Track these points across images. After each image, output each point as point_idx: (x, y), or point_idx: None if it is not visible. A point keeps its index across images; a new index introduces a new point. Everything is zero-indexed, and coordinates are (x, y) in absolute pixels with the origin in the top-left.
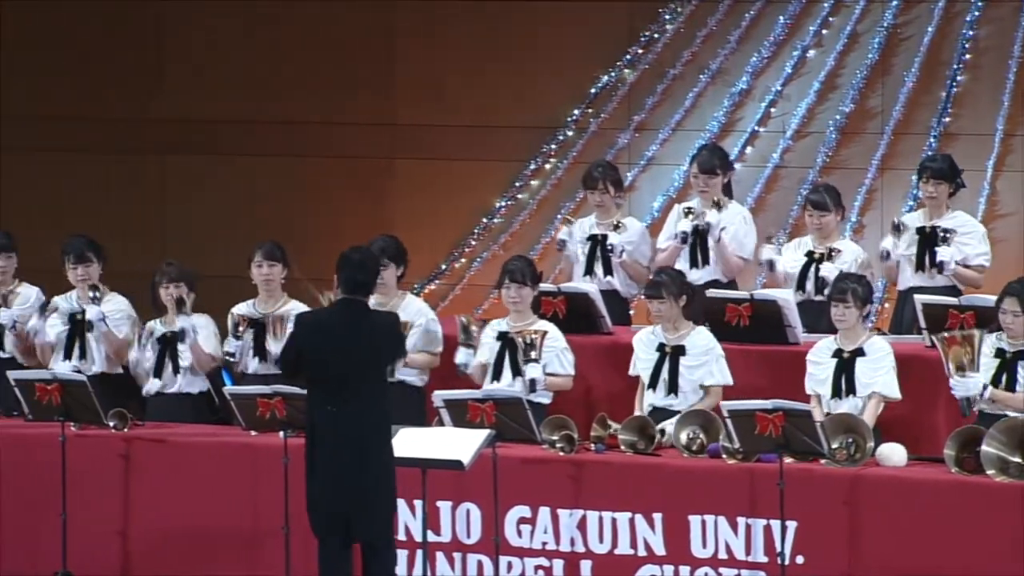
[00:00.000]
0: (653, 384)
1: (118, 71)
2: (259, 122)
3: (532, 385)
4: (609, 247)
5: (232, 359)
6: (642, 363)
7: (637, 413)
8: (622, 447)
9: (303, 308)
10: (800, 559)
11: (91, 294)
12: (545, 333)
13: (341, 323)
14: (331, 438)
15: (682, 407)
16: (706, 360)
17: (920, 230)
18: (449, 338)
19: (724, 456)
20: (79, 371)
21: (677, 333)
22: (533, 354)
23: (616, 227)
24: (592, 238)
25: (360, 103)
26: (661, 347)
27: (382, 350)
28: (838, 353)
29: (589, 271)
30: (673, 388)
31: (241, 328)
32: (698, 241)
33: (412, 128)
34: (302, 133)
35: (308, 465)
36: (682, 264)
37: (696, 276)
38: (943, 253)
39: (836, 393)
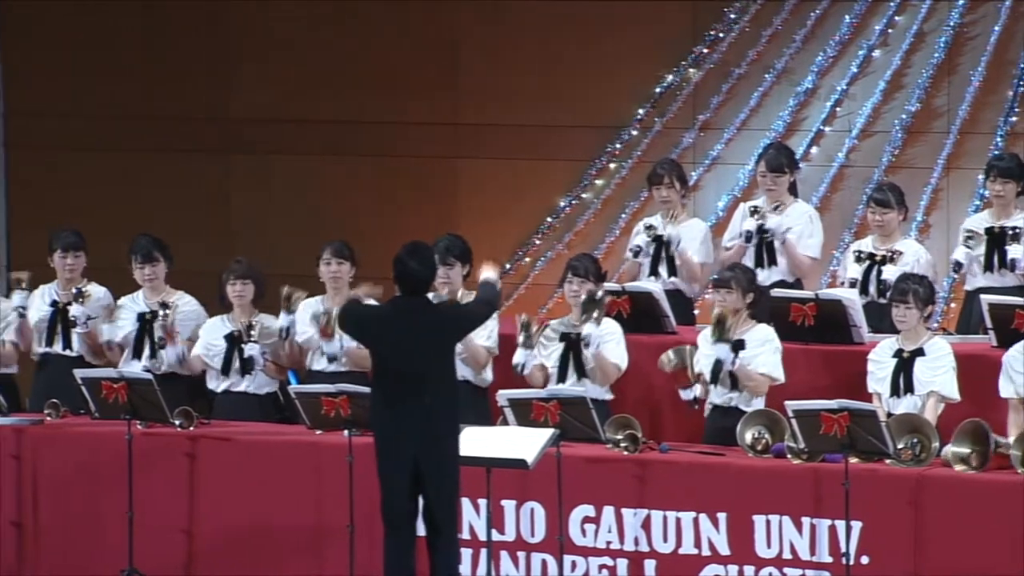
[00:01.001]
0: (715, 380)
1: (185, 70)
2: (324, 121)
3: (587, 342)
4: (667, 240)
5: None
6: (705, 359)
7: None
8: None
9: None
10: (865, 559)
11: (160, 302)
12: (608, 309)
13: (400, 317)
14: (400, 430)
15: (741, 402)
16: (762, 351)
17: (988, 230)
18: (508, 338)
19: (789, 456)
20: (149, 370)
21: (739, 329)
22: (595, 306)
23: (673, 217)
24: (657, 238)
25: (425, 103)
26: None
27: (444, 342)
28: (898, 353)
29: (654, 271)
30: (734, 385)
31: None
32: (763, 241)
33: (476, 128)
34: (367, 133)
35: (379, 456)
36: (748, 264)
37: (763, 277)
38: (1014, 251)
39: (895, 392)
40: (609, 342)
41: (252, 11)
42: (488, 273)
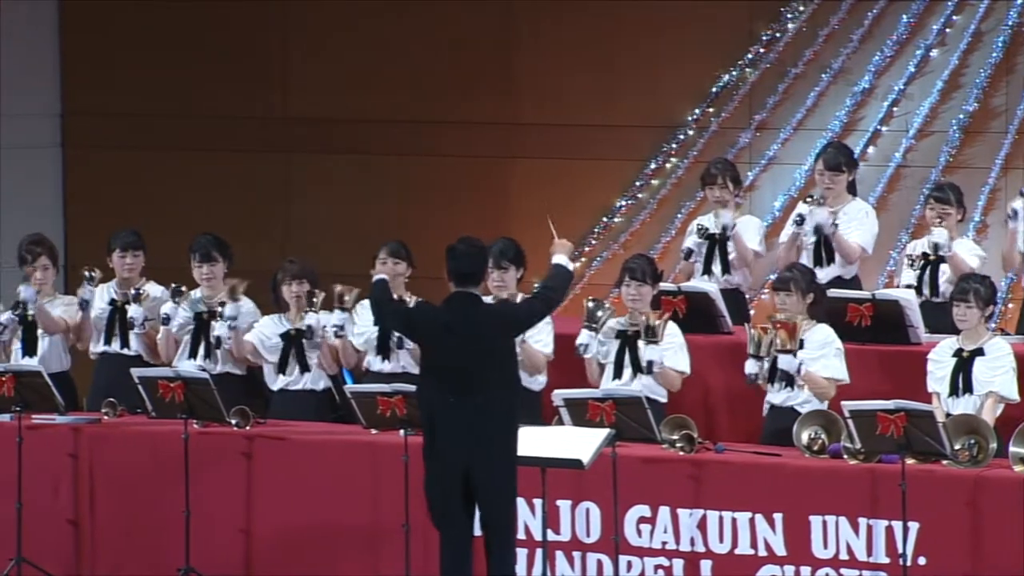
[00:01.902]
0: (771, 379)
1: (243, 69)
2: (381, 121)
3: (649, 367)
4: (721, 228)
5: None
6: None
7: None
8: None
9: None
10: (922, 560)
11: (222, 301)
12: (668, 321)
13: (451, 314)
14: (454, 430)
15: (797, 402)
16: (823, 353)
17: None
18: (564, 337)
19: (845, 456)
20: (204, 370)
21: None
22: (654, 337)
23: (735, 225)
24: (710, 237)
25: (480, 102)
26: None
27: (496, 339)
28: (958, 352)
29: (707, 270)
30: (791, 384)
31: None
32: (822, 239)
33: (532, 127)
34: (423, 132)
35: (426, 458)
36: (804, 262)
37: (821, 275)
38: None
39: (953, 391)
40: (670, 349)
41: (310, 10)
42: (560, 256)
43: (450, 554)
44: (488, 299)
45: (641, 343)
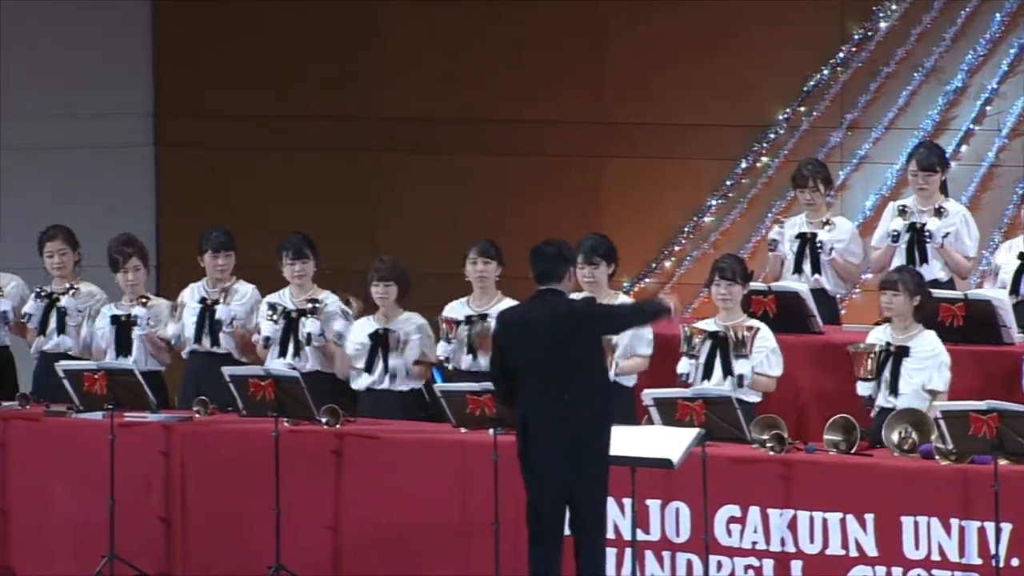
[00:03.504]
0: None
1: (336, 69)
2: (471, 120)
3: (740, 381)
4: (819, 244)
5: (447, 363)
6: (869, 363)
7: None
8: (825, 447)
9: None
10: (1015, 561)
11: (310, 305)
12: (757, 331)
13: (537, 315)
14: (545, 430)
15: (901, 404)
16: (928, 365)
17: None
18: (654, 336)
19: (937, 457)
20: (294, 368)
21: (905, 333)
22: (743, 350)
23: (825, 224)
24: (801, 236)
25: (570, 102)
26: (887, 346)
27: (580, 337)
28: None
29: (798, 270)
30: (893, 389)
31: (451, 333)
32: (915, 239)
33: (622, 127)
34: (513, 131)
35: (523, 462)
36: (898, 263)
37: None
38: None
39: None
40: (763, 353)
41: (402, 11)
42: (668, 299)
43: (541, 565)
44: (578, 295)
45: (732, 355)
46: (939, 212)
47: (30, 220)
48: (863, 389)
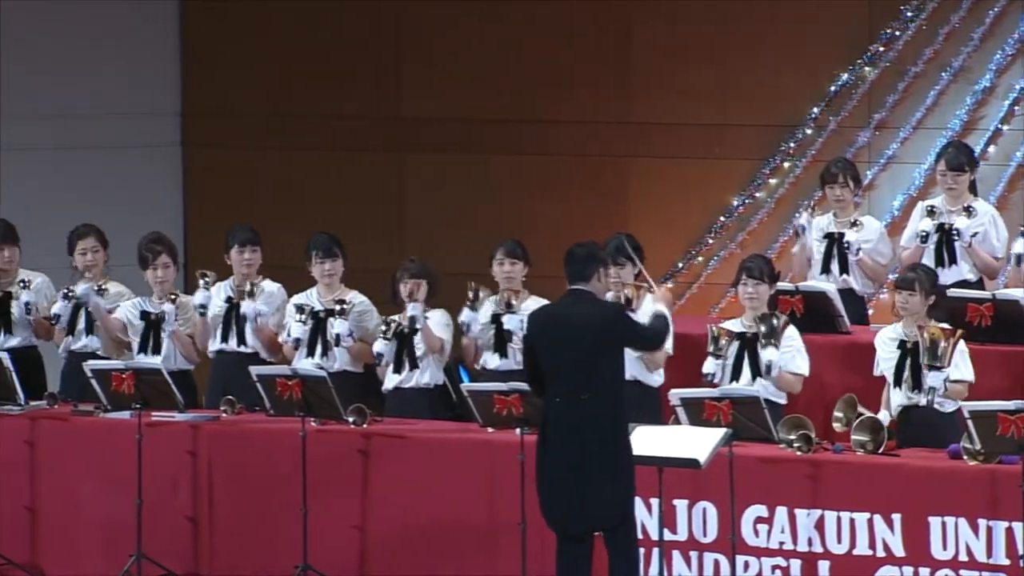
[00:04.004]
0: (898, 382)
1: (359, 70)
2: (496, 120)
3: (768, 369)
4: (846, 244)
5: (465, 328)
6: (885, 362)
7: (883, 412)
8: (853, 447)
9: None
10: None
11: (336, 300)
12: (787, 323)
13: (567, 315)
14: (562, 431)
15: (925, 401)
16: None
17: None
18: (682, 336)
19: (965, 457)
20: (321, 368)
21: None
22: (773, 339)
23: (853, 224)
24: (828, 236)
25: (597, 101)
26: (902, 344)
27: (608, 341)
28: None
29: (825, 270)
30: (917, 385)
31: (480, 296)
32: (944, 240)
33: (648, 126)
34: (539, 131)
35: (538, 461)
36: (927, 263)
37: (944, 277)
38: None
39: None
40: (788, 352)
41: (425, 11)
42: (659, 306)
43: (567, 553)
44: (609, 295)
45: (761, 345)
46: (968, 212)
47: (58, 220)
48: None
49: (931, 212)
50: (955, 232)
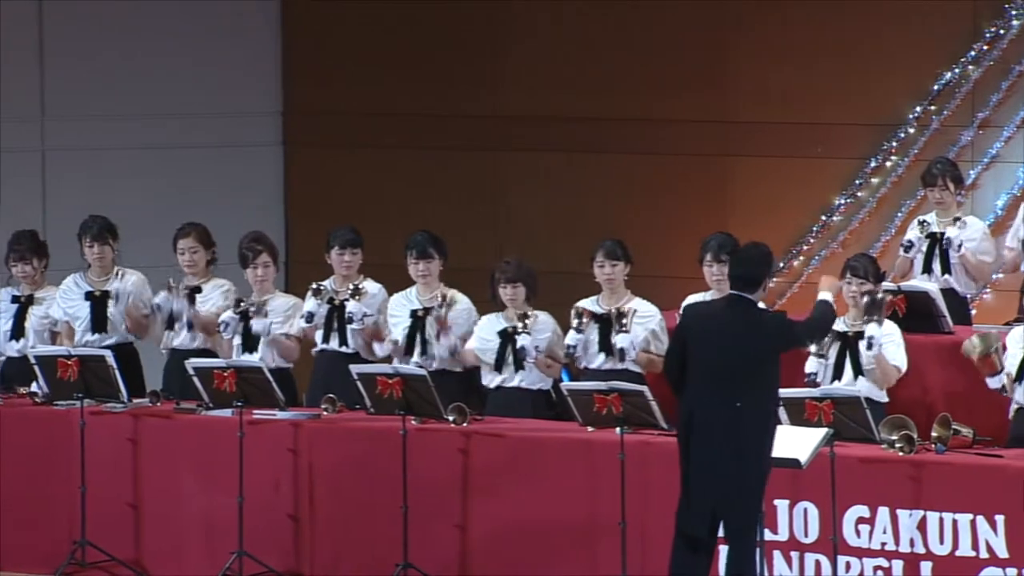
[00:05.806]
0: (1019, 379)
1: (457, 68)
2: (595, 119)
3: (869, 344)
4: (947, 242)
5: (572, 352)
6: (1012, 358)
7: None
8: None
9: (647, 305)
10: None
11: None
12: (887, 319)
13: (725, 317)
14: (713, 434)
15: None
16: None
17: None
18: None
19: None
20: (421, 367)
21: None
22: (876, 315)
23: (956, 221)
24: (931, 236)
25: (695, 100)
26: None
27: (764, 348)
28: None
29: (927, 269)
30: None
31: (584, 321)
32: None
33: (748, 125)
34: (637, 130)
35: (683, 459)
36: None
37: None
38: None
39: None
40: (889, 344)
41: (530, 9)
42: (824, 292)
43: (685, 552)
44: (769, 308)
45: (861, 319)
46: None
47: (159, 219)
48: (993, 382)
49: None
50: None
